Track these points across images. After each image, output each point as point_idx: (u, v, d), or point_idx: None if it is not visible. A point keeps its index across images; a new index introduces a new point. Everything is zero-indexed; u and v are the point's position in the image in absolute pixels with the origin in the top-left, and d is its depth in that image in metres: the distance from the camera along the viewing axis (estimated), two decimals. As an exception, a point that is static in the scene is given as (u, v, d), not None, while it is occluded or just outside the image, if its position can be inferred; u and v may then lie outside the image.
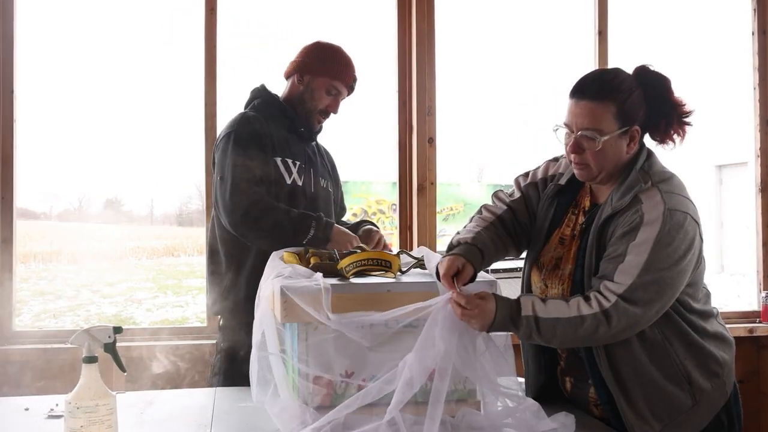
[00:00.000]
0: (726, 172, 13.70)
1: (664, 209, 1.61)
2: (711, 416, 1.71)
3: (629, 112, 1.68)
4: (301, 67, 2.33)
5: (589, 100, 1.66)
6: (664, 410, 1.67)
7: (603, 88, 1.67)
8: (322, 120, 2.36)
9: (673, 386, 1.67)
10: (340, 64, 2.32)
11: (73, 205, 14.52)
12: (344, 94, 2.36)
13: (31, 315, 8.76)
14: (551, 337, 1.59)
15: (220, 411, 1.80)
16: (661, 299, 1.60)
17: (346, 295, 1.56)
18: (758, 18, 3.49)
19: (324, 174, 2.40)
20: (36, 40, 3.14)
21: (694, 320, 1.70)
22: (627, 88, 1.68)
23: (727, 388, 1.75)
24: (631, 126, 1.68)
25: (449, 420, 1.58)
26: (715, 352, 1.72)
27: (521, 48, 12.71)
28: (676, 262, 1.61)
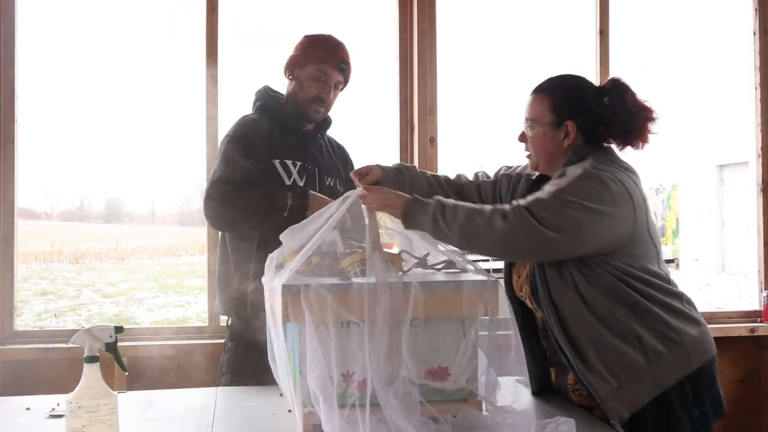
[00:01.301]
0: (727, 171, 13.70)
1: (585, 169, 1.77)
2: (672, 381, 1.77)
3: (563, 108, 1.86)
4: (290, 63, 2.33)
5: (533, 93, 1.92)
6: (618, 366, 1.75)
7: (543, 84, 1.91)
8: (320, 109, 2.31)
9: (623, 342, 1.76)
10: (324, 47, 2.29)
11: (75, 205, 14.52)
12: (335, 78, 2.30)
13: (32, 314, 8.77)
14: (452, 222, 1.68)
15: (221, 411, 1.80)
16: (568, 231, 1.68)
17: (346, 294, 1.56)
18: (759, 18, 3.48)
19: (332, 172, 2.36)
20: (38, 40, 3.15)
21: (637, 286, 1.78)
22: (566, 86, 1.89)
23: (692, 359, 1.79)
24: (565, 120, 1.86)
25: (450, 420, 1.58)
26: (667, 318, 1.79)
27: (522, 47, 12.68)
28: (589, 206, 1.69)
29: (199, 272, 11.58)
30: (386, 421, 1.49)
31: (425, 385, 1.60)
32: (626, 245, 1.77)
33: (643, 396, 1.76)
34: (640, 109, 1.88)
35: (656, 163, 14.47)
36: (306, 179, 2.26)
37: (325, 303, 1.53)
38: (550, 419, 1.61)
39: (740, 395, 3.41)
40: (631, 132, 1.88)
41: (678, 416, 1.78)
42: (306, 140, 2.34)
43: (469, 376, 1.62)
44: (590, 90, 1.91)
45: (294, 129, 2.32)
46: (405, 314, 1.56)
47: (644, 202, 1.82)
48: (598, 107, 1.88)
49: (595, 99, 1.88)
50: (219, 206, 2.12)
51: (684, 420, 1.78)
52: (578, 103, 1.88)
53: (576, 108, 1.87)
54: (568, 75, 1.94)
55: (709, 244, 13.66)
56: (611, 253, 1.76)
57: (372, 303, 1.54)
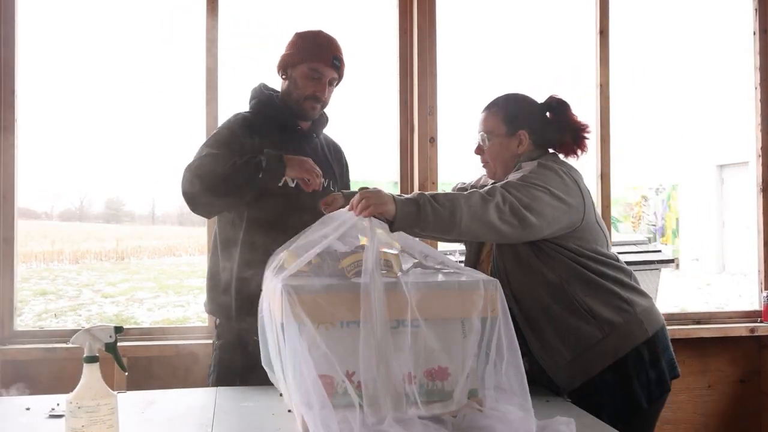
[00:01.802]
0: (727, 171, 13.69)
1: (539, 162, 2.02)
2: (629, 348, 1.96)
3: (515, 119, 2.10)
4: (283, 63, 2.30)
5: (486, 110, 2.15)
6: (574, 340, 1.95)
7: (495, 101, 2.16)
8: (316, 106, 2.28)
9: (577, 319, 1.96)
10: (315, 45, 2.26)
11: (75, 205, 14.51)
12: (329, 75, 2.27)
13: (32, 314, 8.77)
14: (448, 205, 1.82)
15: (221, 411, 1.80)
16: (537, 212, 1.89)
17: (346, 295, 1.56)
18: (759, 18, 3.49)
19: (326, 172, 2.31)
20: (38, 41, 3.15)
21: (590, 264, 1.99)
22: (514, 102, 2.14)
23: (646, 326, 2.00)
24: (517, 130, 2.10)
25: (450, 420, 1.58)
26: (619, 291, 2.00)
27: (522, 47, 12.68)
28: (548, 190, 1.92)
29: (199, 272, 11.58)
30: (386, 421, 1.49)
31: (425, 385, 1.59)
32: (578, 230, 1.99)
33: (598, 365, 1.95)
34: (578, 124, 2.13)
35: (656, 163, 14.48)
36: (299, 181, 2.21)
37: (325, 303, 1.54)
38: (550, 419, 1.61)
39: (740, 395, 3.42)
40: (573, 142, 2.12)
41: (630, 380, 1.96)
42: (301, 139, 2.31)
43: (469, 376, 1.62)
44: (535, 104, 2.15)
45: (288, 128, 2.29)
46: (405, 314, 1.56)
47: (589, 194, 2.05)
48: (543, 120, 2.13)
49: (541, 113, 2.14)
50: (193, 174, 2.08)
51: (636, 383, 1.96)
52: (527, 115, 2.12)
53: (526, 119, 2.11)
54: (515, 93, 2.17)
55: (709, 244, 13.66)
56: (564, 236, 1.97)
57: (372, 303, 1.54)
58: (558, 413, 1.67)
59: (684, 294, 10.36)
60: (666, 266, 7.30)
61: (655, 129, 14.68)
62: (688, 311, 3.93)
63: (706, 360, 3.39)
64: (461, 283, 1.63)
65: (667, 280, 10.15)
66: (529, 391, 1.61)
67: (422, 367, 1.60)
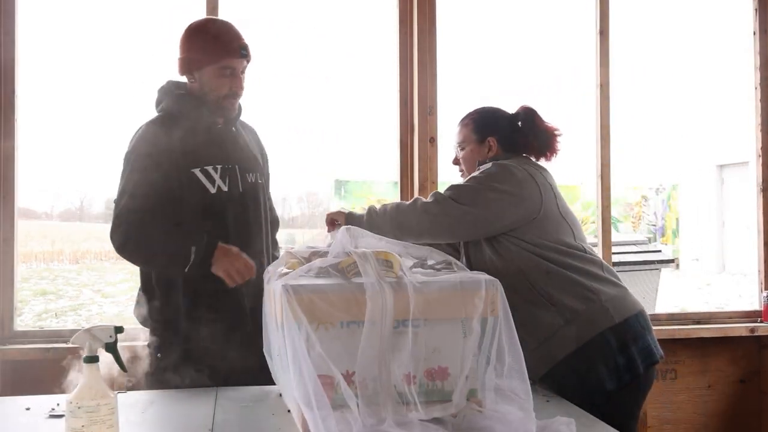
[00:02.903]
0: (727, 171, 13.69)
1: (493, 163, 2.17)
2: (593, 333, 2.02)
3: (484, 128, 2.28)
4: (186, 65, 2.17)
5: (459, 124, 2.35)
6: (536, 329, 2.03)
7: (465, 116, 2.33)
8: (235, 102, 2.18)
9: (538, 309, 2.04)
10: (218, 41, 2.13)
11: (75, 205, 14.51)
12: (241, 66, 2.15)
13: (32, 314, 8.77)
14: (383, 214, 2.09)
15: (221, 411, 1.80)
16: (480, 206, 2.06)
17: (346, 295, 1.56)
18: (759, 18, 3.49)
19: (251, 166, 2.22)
20: (38, 40, 3.15)
21: (551, 255, 2.07)
22: (482, 113, 2.31)
23: (612, 313, 2.04)
24: (486, 137, 2.27)
25: (450, 420, 1.58)
26: (583, 280, 2.06)
27: (523, 47, 12.69)
28: (497, 187, 2.07)
29: (199, 272, 11.54)
30: (386, 422, 1.48)
31: (425, 385, 1.59)
32: (538, 221, 2.08)
33: (560, 351, 2.02)
34: (547, 129, 2.27)
35: (656, 163, 14.47)
36: (229, 182, 2.13)
37: (325, 303, 1.53)
38: (550, 419, 1.61)
39: (740, 395, 3.42)
40: (543, 146, 2.26)
41: (595, 365, 2.01)
42: (221, 137, 2.19)
43: (469, 376, 1.62)
44: (504, 114, 2.31)
45: (208, 129, 2.16)
46: (405, 314, 1.56)
47: (552, 188, 2.16)
48: (512, 127, 2.28)
49: (510, 122, 2.29)
50: (123, 246, 2.05)
51: (602, 368, 2.01)
52: (495, 122, 2.30)
53: (493, 126, 2.29)
54: (484, 106, 2.35)
55: (709, 244, 13.66)
56: (522, 228, 2.08)
57: (372, 303, 1.54)
58: (558, 413, 1.67)
59: (684, 294, 10.36)
60: (666, 266, 7.30)
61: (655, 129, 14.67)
62: (688, 311, 3.93)
63: (706, 360, 3.39)
64: (462, 284, 1.63)
65: (667, 280, 10.15)
66: (531, 392, 1.61)
67: (422, 367, 1.60)
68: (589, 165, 3.37)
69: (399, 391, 1.56)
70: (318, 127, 6.82)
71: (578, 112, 2.16)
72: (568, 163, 2.25)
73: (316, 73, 2.40)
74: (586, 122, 3.37)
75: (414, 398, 1.55)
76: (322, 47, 6.65)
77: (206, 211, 2.10)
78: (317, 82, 2.47)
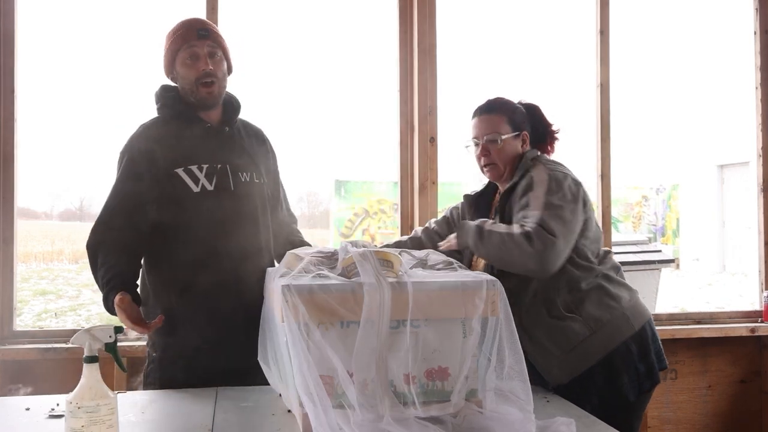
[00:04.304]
0: (728, 171, 13.69)
1: (548, 172, 2.07)
2: (617, 342, 2.02)
3: (517, 121, 2.21)
4: (165, 68, 2.21)
5: (487, 114, 2.21)
6: (563, 339, 2.01)
7: (494, 105, 2.22)
8: (210, 85, 2.13)
9: (562, 320, 2.01)
10: (176, 33, 2.16)
11: (74, 205, 14.47)
12: (203, 49, 2.13)
13: (32, 315, 8.77)
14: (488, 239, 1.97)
15: (221, 411, 1.80)
16: (567, 233, 1.96)
17: (346, 294, 1.56)
18: (760, 18, 3.48)
19: (246, 166, 2.20)
20: (37, 40, 3.15)
21: (581, 263, 2.04)
22: (510, 106, 2.23)
23: (633, 322, 2.06)
24: (521, 131, 2.20)
25: (450, 420, 1.57)
26: (607, 286, 2.06)
27: (523, 47, 12.67)
28: (568, 203, 2.00)
29: (199, 272, 11.54)
30: (384, 420, 1.48)
31: (425, 385, 1.59)
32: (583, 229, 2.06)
33: (587, 362, 2.00)
34: (549, 124, 2.29)
35: (656, 163, 14.47)
36: (216, 181, 2.12)
37: (325, 303, 1.53)
38: (550, 419, 1.61)
39: (741, 395, 3.42)
40: (546, 140, 2.27)
41: (619, 375, 2.01)
42: (212, 137, 2.18)
43: (469, 376, 1.62)
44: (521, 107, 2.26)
45: (196, 128, 2.16)
46: (404, 314, 1.56)
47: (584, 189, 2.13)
48: (536, 124, 2.26)
49: (533, 118, 2.25)
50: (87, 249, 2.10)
51: (625, 377, 2.01)
52: (523, 118, 2.24)
53: (524, 120, 2.23)
54: (501, 97, 2.27)
55: (709, 244, 13.66)
56: None
57: (369, 302, 1.54)
58: (558, 413, 1.67)
59: (684, 294, 10.36)
60: (666, 266, 7.28)
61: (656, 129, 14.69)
62: (688, 311, 3.93)
63: (707, 360, 3.39)
64: (461, 283, 1.63)
65: (668, 280, 10.15)
66: (531, 392, 1.61)
67: (422, 367, 1.60)
68: (590, 165, 3.37)
69: (398, 391, 1.56)
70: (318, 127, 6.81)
71: (578, 111, 2.16)
72: (568, 163, 2.23)
73: (316, 73, 2.39)
74: (587, 122, 3.37)
75: (413, 398, 1.55)
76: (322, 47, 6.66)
77: (189, 209, 2.09)
78: (317, 82, 2.46)
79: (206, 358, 2.07)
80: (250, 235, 2.16)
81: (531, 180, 2.06)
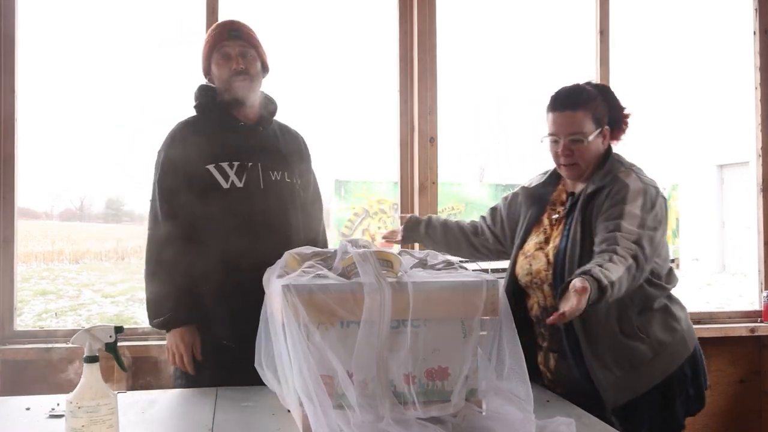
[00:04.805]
0: (727, 171, 13.68)
1: (642, 184, 1.97)
2: (675, 366, 1.98)
3: (599, 116, 2.06)
4: (203, 69, 2.31)
5: (571, 110, 2.03)
6: (625, 359, 1.93)
7: (578, 100, 2.05)
8: (242, 81, 2.21)
9: (632, 340, 1.94)
10: (210, 36, 2.27)
11: (75, 205, 14.49)
12: (235, 49, 2.22)
13: (32, 314, 8.77)
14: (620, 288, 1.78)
15: (221, 411, 1.80)
16: (655, 256, 1.92)
17: (346, 294, 1.56)
18: (760, 18, 3.48)
19: (277, 165, 2.25)
20: (38, 40, 3.15)
21: (653, 280, 1.98)
22: (594, 98, 2.06)
23: (689, 344, 2.03)
24: (602, 127, 2.06)
25: (450, 420, 1.58)
26: (670, 306, 2.03)
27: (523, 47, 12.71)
28: (660, 226, 1.94)
29: (199, 272, 11.52)
30: (384, 420, 1.48)
31: (425, 385, 1.59)
32: None
33: (645, 385, 1.94)
34: (621, 107, 2.13)
35: (656, 162, 14.46)
36: (246, 178, 2.18)
37: (325, 303, 1.53)
38: (550, 419, 1.61)
39: (741, 395, 3.41)
40: (619, 127, 2.13)
41: (673, 399, 1.97)
42: (245, 136, 2.24)
43: (469, 376, 1.62)
44: (601, 94, 2.09)
45: (230, 126, 2.24)
46: (404, 314, 1.56)
47: None
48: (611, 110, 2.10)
49: (609, 103, 2.09)
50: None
51: (678, 402, 1.97)
52: (605, 108, 2.08)
53: (605, 113, 2.08)
54: (584, 85, 2.10)
55: (709, 244, 13.65)
56: None
57: (369, 302, 1.54)
58: (558, 413, 1.67)
59: (684, 294, 10.31)
60: (666, 266, 7.28)
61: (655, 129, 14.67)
62: (688, 311, 3.92)
63: (707, 360, 3.36)
64: (461, 283, 1.63)
65: (667, 280, 10.11)
66: (531, 393, 1.61)
67: (422, 367, 1.60)
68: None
69: (398, 391, 1.56)
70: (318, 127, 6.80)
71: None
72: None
73: (315, 72, 2.39)
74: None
75: (413, 398, 1.55)
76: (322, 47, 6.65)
77: (217, 205, 2.15)
78: (317, 82, 2.46)
79: (230, 355, 2.09)
80: (279, 232, 2.17)
81: (625, 190, 1.95)
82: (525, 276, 2.10)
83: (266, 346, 1.81)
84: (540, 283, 2.06)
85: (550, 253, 2.05)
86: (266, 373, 1.82)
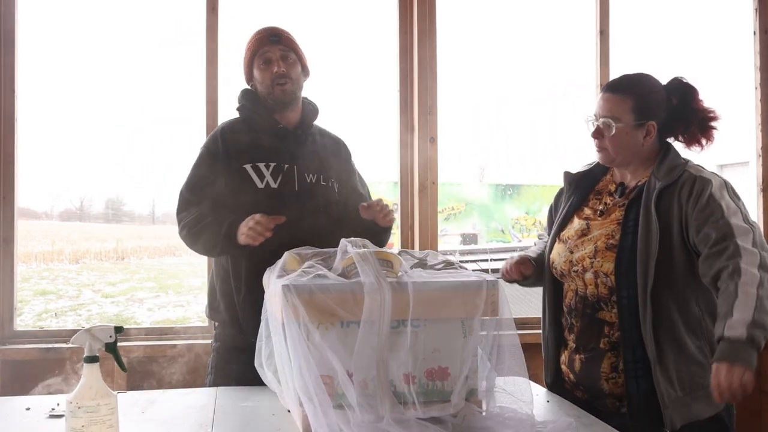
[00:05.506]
0: (727, 171, 13.68)
1: (720, 179, 1.89)
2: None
3: (646, 108, 1.94)
4: (245, 75, 2.36)
5: (612, 92, 1.96)
6: (687, 379, 1.83)
7: (623, 84, 1.97)
8: (283, 85, 2.26)
9: (704, 358, 1.83)
10: (251, 41, 2.31)
11: (75, 205, 14.47)
12: (275, 53, 2.27)
13: (32, 314, 8.75)
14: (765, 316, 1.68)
15: (221, 411, 1.80)
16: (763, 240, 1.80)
17: (346, 294, 1.56)
18: (760, 18, 3.49)
19: (312, 168, 2.28)
20: (38, 39, 3.14)
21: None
22: (646, 88, 1.96)
23: None
24: (647, 121, 1.94)
25: (450, 420, 1.58)
26: None
27: (523, 47, 12.67)
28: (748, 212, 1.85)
29: (199, 272, 11.54)
30: (384, 420, 1.48)
31: (425, 385, 1.59)
32: None
33: (704, 412, 1.83)
34: (705, 111, 1.99)
35: (656, 163, 14.44)
36: (281, 179, 2.21)
37: (325, 303, 1.53)
38: (550, 419, 1.61)
39: (740, 395, 3.41)
40: (698, 132, 1.99)
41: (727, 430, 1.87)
42: (284, 138, 2.28)
43: (469, 376, 1.62)
44: (663, 90, 1.99)
45: (269, 128, 2.28)
46: (404, 314, 1.56)
47: None
48: (669, 108, 1.98)
49: (668, 101, 1.98)
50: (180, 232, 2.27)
51: None
52: (658, 105, 1.96)
53: (656, 109, 1.96)
54: (641, 75, 2.00)
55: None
56: None
57: (369, 302, 1.54)
58: (558, 413, 1.67)
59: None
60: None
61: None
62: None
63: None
64: (461, 283, 1.63)
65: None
66: (531, 393, 1.61)
67: (422, 367, 1.60)
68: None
69: (398, 391, 1.56)
70: (318, 127, 6.76)
71: (578, 111, 2.11)
72: (568, 163, 2.21)
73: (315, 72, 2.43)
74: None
75: (413, 398, 1.55)
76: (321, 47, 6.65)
77: (253, 204, 2.17)
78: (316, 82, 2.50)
79: None
80: (313, 233, 2.17)
81: (707, 182, 1.87)
82: (564, 263, 2.01)
83: (268, 343, 1.81)
84: (582, 271, 1.96)
85: (599, 243, 1.94)
86: (266, 373, 1.82)
